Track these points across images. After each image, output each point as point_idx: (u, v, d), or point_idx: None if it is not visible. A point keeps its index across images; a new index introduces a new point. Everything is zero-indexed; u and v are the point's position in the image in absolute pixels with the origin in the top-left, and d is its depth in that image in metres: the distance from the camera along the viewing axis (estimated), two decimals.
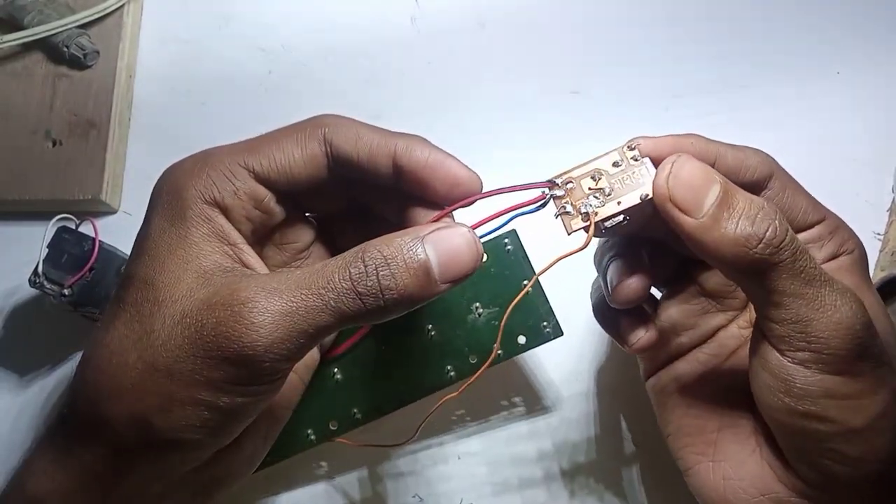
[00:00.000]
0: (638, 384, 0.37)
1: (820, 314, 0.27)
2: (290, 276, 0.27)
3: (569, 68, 0.47)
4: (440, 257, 0.27)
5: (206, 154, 0.30)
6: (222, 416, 0.27)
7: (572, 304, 0.39)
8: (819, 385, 0.27)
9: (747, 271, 0.27)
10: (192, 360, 0.26)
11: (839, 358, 0.27)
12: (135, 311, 0.28)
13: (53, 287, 0.39)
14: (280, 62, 0.48)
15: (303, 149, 0.30)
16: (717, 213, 0.27)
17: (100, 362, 0.28)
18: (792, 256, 0.27)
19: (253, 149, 0.30)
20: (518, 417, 0.41)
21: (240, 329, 0.25)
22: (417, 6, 0.48)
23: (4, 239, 0.45)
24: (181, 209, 0.29)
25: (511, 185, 0.30)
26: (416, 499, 0.40)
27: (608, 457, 0.40)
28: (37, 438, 0.30)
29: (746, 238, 0.26)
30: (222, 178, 0.29)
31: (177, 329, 0.26)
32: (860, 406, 0.27)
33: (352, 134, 0.30)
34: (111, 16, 0.47)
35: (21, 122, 0.45)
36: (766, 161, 0.31)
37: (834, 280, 0.27)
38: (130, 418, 0.27)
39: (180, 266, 0.28)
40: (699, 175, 0.27)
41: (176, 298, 0.27)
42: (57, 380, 0.43)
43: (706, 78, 0.46)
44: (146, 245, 0.29)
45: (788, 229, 0.27)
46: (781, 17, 0.47)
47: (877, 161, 0.44)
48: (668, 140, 0.30)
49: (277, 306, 0.26)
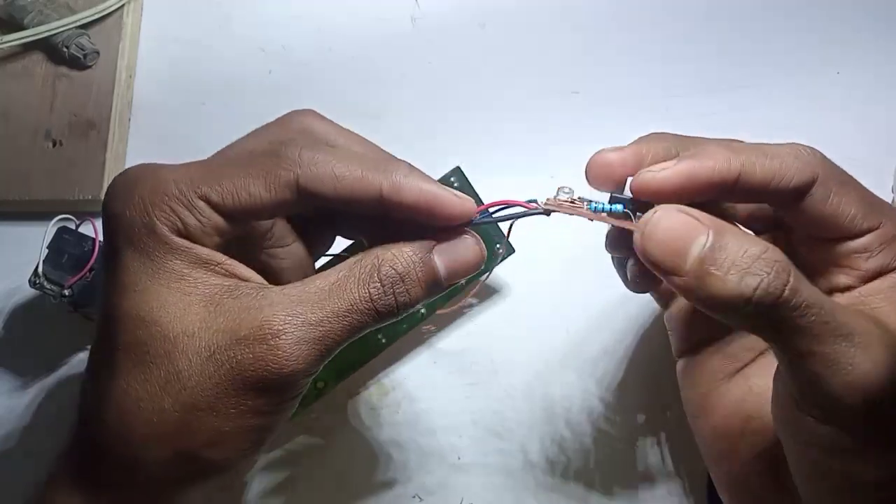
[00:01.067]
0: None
1: (831, 373, 0.24)
2: (311, 296, 0.27)
3: (569, 68, 0.47)
4: (449, 268, 0.29)
5: (162, 178, 0.27)
6: (265, 434, 0.28)
7: None
8: (830, 440, 0.25)
9: (749, 329, 0.26)
10: (234, 395, 0.26)
11: (851, 418, 0.25)
12: (143, 353, 0.26)
13: (53, 287, 0.39)
14: (280, 62, 0.48)
15: (272, 193, 0.27)
16: (700, 270, 0.25)
17: (126, 408, 0.27)
18: (793, 312, 0.24)
19: (214, 179, 0.27)
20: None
21: (280, 362, 0.26)
22: (417, 6, 0.48)
23: (4, 239, 0.45)
24: (154, 241, 0.27)
25: (507, 207, 0.30)
26: (416, 499, 0.40)
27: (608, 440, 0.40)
28: (50, 485, 0.29)
29: (734, 297, 0.24)
30: (185, 212, 0.27)
31: (208, 367, 0.26)
32: (880, 461, 0.26)
33: (329, 178, 0.27)
34: (111, 16, 0.47)
35: (21, 122, 0.45)
36: (808, 165, 0.28)
37: (854, 332, 0.24)
38: (178, 457, 0.27)
39: (180, 297, 0.27)
40: (677, 233, 0.25)
41: (192, 332, 0.26)
42: (57, 380, 0.43)
43: (706, 78, 0.46)
44: (126, 280, 0.27)
45: (788, 282, 0.24)
46: (781, 16, 0.47)
47: (877, 161, 0.44)
48: (685, 170, 0.27)
49: (310, 335, 0.26)
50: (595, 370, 0.41)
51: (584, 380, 0.41)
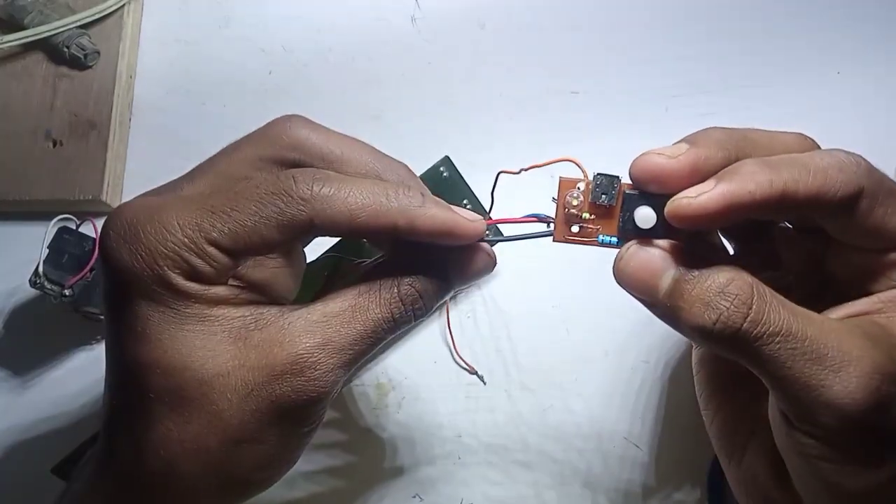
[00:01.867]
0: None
1: (805, 393, 0.25)
2: (335, 320, 0.28)
3: (569, 68, 0.47)
4: (462, 279, 0.30)
5: (169, 227, 0.26)
6: (305, 448, 0.30)
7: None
8: (816, 451, 0.26)
9: (725, 354, 0.26)
10: (277, 425, 0.27)
11: (831, 434, 0.25)
12: (179, 399, 0.26)
13: (54, 287, 0.39)
14: (280, 62, 0.48)
15: (285, 234, 0.27)
16: (672, 304, 0.26)
17: (170, 450, 0.27)
18: (758, 342, 0.25)
19: (222, 222, 0.26)
20: None
21: (316, 391, 0.27)
22: (417, 6, 0.48)
23: (5, 239, 0.45)
24: (171, 293, 0.26)
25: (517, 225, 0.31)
26: (416, 499, 0.40)
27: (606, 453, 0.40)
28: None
29: (698, 329, 0.25)
30: (196, 259, 0.26)
31: (248, 405, 0.27)
32: (861, 474, 0.26)
33: (344, 216, 0.26)
34: (111, 16, 0.47)
35: (21, 122, 0.45)
36: (853, 175, 0.26)
37: (828, 354, 0.25)
38: (227, 483, 0.28)
39: (207, 339, 0.27)
40: (645, 268, 0.27)
41: (226, 371, 0.26)
42: (57, 380, 0.43)
43: (706, 78, 0.46)
44: (148, 330, 0.26)
45: (747, 315, 0.25)
46: (781, 17, 0.47)
47: (877, 161, 0.43)
48: (723, 198, 0.25)
49: (340, 361, 0.28)
50: (595, 370, 0.41)
51: (582, 381, 0.41)
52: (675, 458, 0.39)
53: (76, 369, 0.43)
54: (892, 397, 0.25)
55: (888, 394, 0.25)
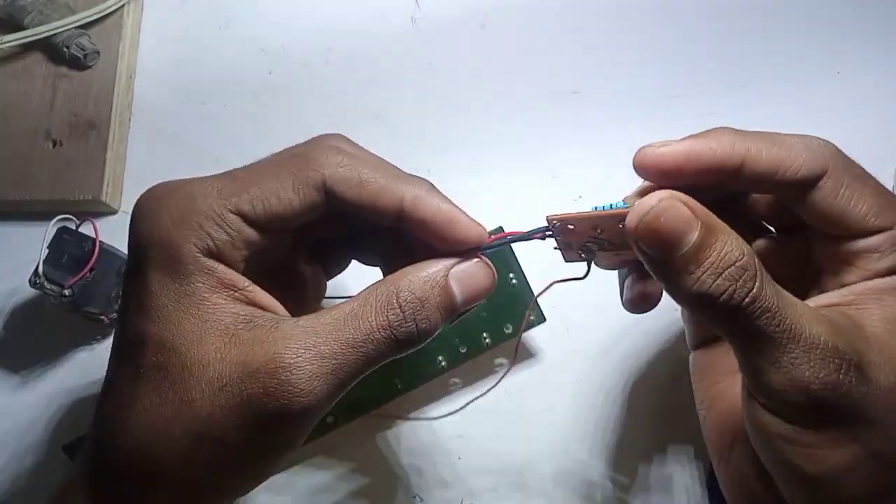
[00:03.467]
0: (626, 364, 0.38)
1: (775, 368, 0.26)
2: (325, 327, 0.27)
3: (569, 68, 0.47)
4: (465, 292, 0.29)
5: (191, 194, 0.27)
6: (272, 468, 0.28)
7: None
8: (777, 429, 0.27)
9: (708, 321, 0.27)
10: (241, 427, 0.26)
11: (793, 410, 0.26)
12: (161, 377, 0.27)
13: (54, 287, 0.39)
14: (280, 63, 0.48)
15: (300, 196, 0.28)
16: (682, 265, 0.26)
17: (141, 431, 0.27)
18: (751, 317, 0.25)
19: (242, 188, 0.28)
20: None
21: (289, 397, 0.26)
22: (417, 6, 0.48)
23: (4, 239, 0.45)
24: (179, 263, 0.27)
25: (513, 234, 0.30)
26: (416, 499, 0.40)
27: (604, 457, 0.40)
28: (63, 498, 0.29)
29: (703, 296, 0.26)
30: (216, 227, 0.27)
31: (219, 399, 0.26)
32: (817, 456, 0.26)
33: (355, 181, 0.28)
34: (111, 16, 0.47)
35: (21, 122, 0.45)
36: (819, 156, 0.28)
37: (805, 335, 0.26)
38: (184, 483, 0.27)
39: (198, 325, 0.27)
40: (673, 227, 0.26)
41: (206, 362, 0.26)
42: (57, 380, 0.43)
43: (706, 78, 0.46)
44: (149, 303, 0.27)
45: (751, 290, 0.25)
46: (781, 16, 0.47)
47: (877, 161, 0.43)
48: (683, 148, 0.28)
49: (322, 369, 0.26)
50: (595, 370, 0.41)
51: (582, 381, 0.41)
52: (675, 459, 0.39)
53: (76, 369, 0.43)
54: (850, 384, 0.26)
55: (846, 381, 0.26)
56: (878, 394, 0.26)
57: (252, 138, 0.46)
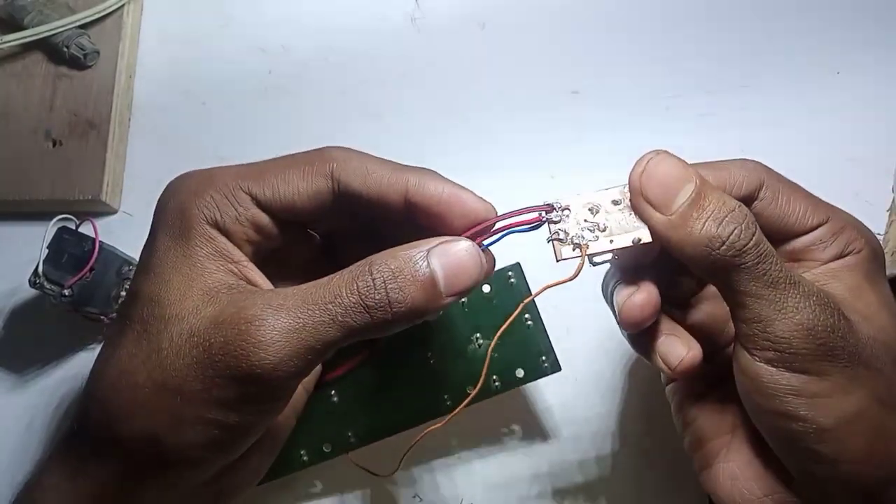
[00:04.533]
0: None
1: (781, 315, 0.27)
2: (296, 291, 0.27)
3: (569, 68, 0.47)
4: (446, 270, 0.27)
5: (212, 174, 0.30)
6: (231, 433, 0.28)
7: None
8: (785, 383, 0.28)
9: (711, 271, 0.28)
10: (200, 379, 0.26)
11: (801, 357, 0.27)
12: (142, 329, 0.28)
13: (53, 287, 0.39)
14: (280, 62, 0.48)
15: (309, 183, 0.29)
16: (686, 212, 0.28)
17: (111, 380, 0.28)
18: (755, 259, 0.27)
19: (258, 175, 0.30)
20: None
21: (248, 348, 0.25)
22: (417, 6, 0.48)
23: (4, 239, 0.45)
24: (185, 228, 0.29)
25: (509, 212, 0.30)
26: (416, 499, 0.40)
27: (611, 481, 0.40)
28: (46, 454, 0.30)
29: (710, 239, 0.27)
30: (225, 202, 0.29)
31: (185, 348, 0.27)
32: (828, 405, 0.27)
33: (361, 170, 0.29)
34: (111, 16, 0.47)
35: (21, 122, 0.45)
36: (753, 172, 0.31)
37: (802, 283, 0.28)
38: (142, 436, 0.27)
39: (185, 283, 0.28)
40: (674, 173, 0.28)
41: (182, 316, 0.27)
42: (57, 380, 0.43)
43: (706, 78, 0.46)
44: (151, 262, 0.29)
45: (755, 233, 0.27)
46: (781, 16, 0.47)
47: (877, 161, 0.44)
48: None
49: (285, 323, 0.26)
50: (595, 370, 0.41)
51: (582, 381, 0.41)
52: (675, 460, 0.39)
53: (76, 369, 0.43)
54: (846, 329, 0.28)
55: (842, 325, 0.28)
56: (865, 341, 0.28)
57: (252, 138, 0.46)
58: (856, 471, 0.28)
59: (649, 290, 0.30)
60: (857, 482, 0.28)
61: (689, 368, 0.30)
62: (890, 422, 0.28)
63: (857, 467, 0.28)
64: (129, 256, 0.41)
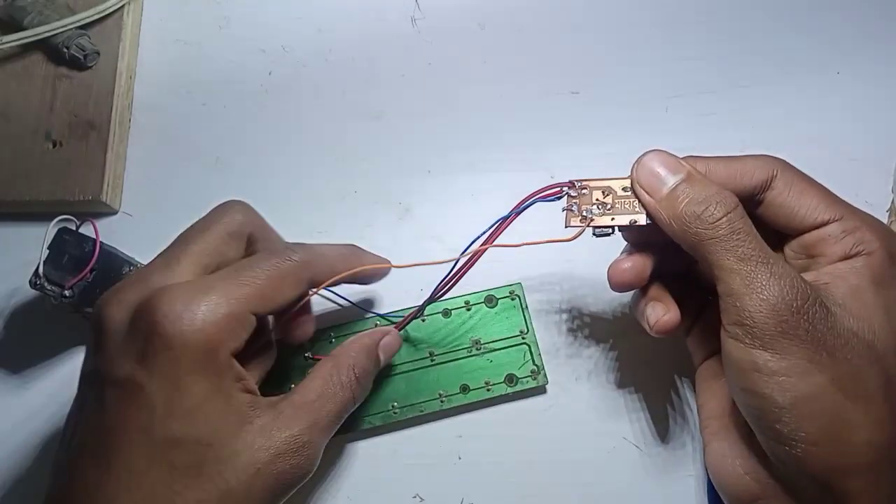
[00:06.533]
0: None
1: (749, 290, 0.29)
2: (313, 405, 0.33)
3: (569, 68, 0.47)
4: (386, 356, 0.37)
5: (219, 303, 0.31)
6: None
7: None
8: (749, 358, 0.30)
9: (692, 244, 0.31)
10: (279, 497, 0.32)
11: (764, 333, 0.29)
12: (199, 473, 0.30)
13: (54, 288, 0.39)
14: (280, 63, 0.48)
15: (295, 291, 0.34)
16: (671, 194, 0.32)
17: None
18: (728, 232, 0.30)
19: (259, 297, 0.33)
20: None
21: (311, 465, 0.33)
22: (417, 6, 0.48)
23: (4, 240, 0.45)
24: (217, 365, 0.31)
25: (538, 190, 0.35)
26: (416, 499, 0.40)
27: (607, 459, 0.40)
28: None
29: (689, 216, 0.31)
30: (241, 329, 0.32)
31: (255, 481, 0.31)
32: (785, 383, 0.29)
33: (328, 273, 0.35)
34: (111, 16, 0.47)
35: (21, 122, 0.45)
36: (767, 164, 0.33)
37: (776, 264, 0.30)
38: None
39: (226, 419, 0.31)
40: (665, 164, 0.33)
41: (238, 452, 0.31)
42: (57, 380, 0.43)
43: (706, 78, 0.46)
44: (190, 404, 0.30)
45: (731, 211, 0.30)
46: (781, 17, 0.47)
47: (877, 161, 0.44)
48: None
49: (325, 437, 0.34)
50: (595, 370, 0.41)
51: (582, 381, 0.41)
52: (675, 459, 0.40)
53: (76, 370, 0.42)
54: (813, 315, 0.29)
55: (810, 310, 0.29)
56: (841, 333, 0.29)
57: (252, 138, 0.46)
58: (812, 453, 0.29)
59: (636, 261, 0.34)
60: (814, 465, 0.29)
61: (664, 327, 0.34)
62: (850, 412, 0.29)
63: (813, 450, 0.29)
64: (129, 257, 0.41)
